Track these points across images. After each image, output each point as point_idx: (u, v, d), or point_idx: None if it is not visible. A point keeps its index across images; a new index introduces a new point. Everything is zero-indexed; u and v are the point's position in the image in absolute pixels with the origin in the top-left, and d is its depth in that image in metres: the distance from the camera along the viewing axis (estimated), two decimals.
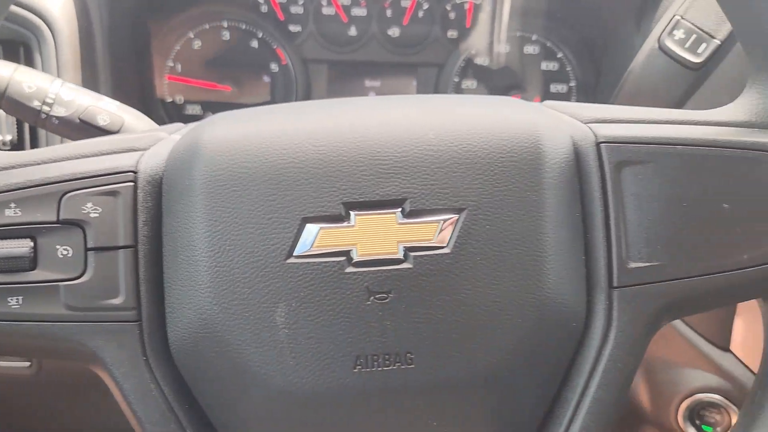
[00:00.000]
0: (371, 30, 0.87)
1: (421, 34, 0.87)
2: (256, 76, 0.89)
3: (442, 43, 0.88)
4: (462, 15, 0.87)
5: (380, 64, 0.88)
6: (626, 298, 0.40)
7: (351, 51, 0.88)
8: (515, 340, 0.38)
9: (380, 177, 0.38)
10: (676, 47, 0.55)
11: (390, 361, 0.37)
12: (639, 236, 0.40)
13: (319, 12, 0.87)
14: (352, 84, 0.89)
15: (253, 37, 0.88)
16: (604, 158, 0.40)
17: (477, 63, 0.89)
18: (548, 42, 0.89)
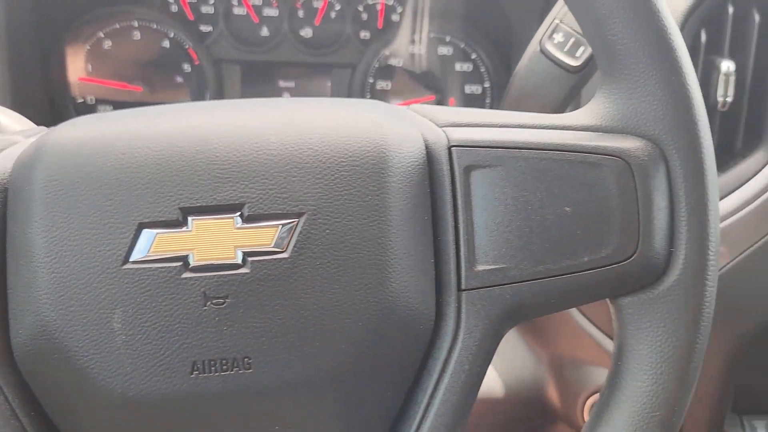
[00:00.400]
0: (283, 30, 0.87)
1: (333, 34, 0.87)
2: (169, 76, 0.88)
3: (354, 43, 0.88)
4: (374, 16, 0.87)
5: (294, 64, 0.88)
6: (474, 300, 0.40)
7: (263, 51, 0.87)
8: (357, 342, 0.38)
9: (218, 181, 0.37)
10: (556, 51, 0.56)
11: (227, 366, 0.37)
12: (486, 239, 0.40)
13: (229, 12, 0.86)
14: (266, 85, 0.89)
15: (165, 37, 0.87)
16: (455, 162, 0.41)
17: (391, 64, 0.89)
18: (462, 43, 0.89)
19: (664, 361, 0.40)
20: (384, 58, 0.89)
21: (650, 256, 0.40)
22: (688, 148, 0.40)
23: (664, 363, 0.40)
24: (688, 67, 0.40)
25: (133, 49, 0.87)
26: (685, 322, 0.40)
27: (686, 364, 0.40)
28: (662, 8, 0.40)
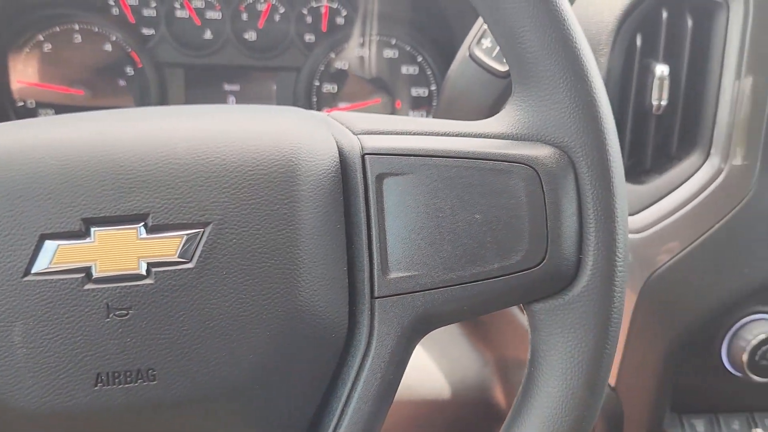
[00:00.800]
0: (226, 33, 0.86)
1: (277, 37, 0.87)
2: (111, 79, 0.87)
3: (299, 47, 0.87)
4: (318, 19, 0.87)
5: (238, 68, 0.87)
6: (386, 307, 0.40)
7: (207, 55, 0.87)
8: (266, 352, 0.38)
9: (122, 191, 0.37)
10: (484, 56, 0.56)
11: (132, 378, 0.37)
12: (398, 246, 0.40)
13: (171, 15, 0.85)
14: (211, 88, 0.88)
15: (106, 41, 0.86)
16: (368, 169, 0.41)
17: (337, 67, 0.89)
18: (408, 46, 0.89)
19: (573, 367, 0.40)
20: (330, 61, 0.89)
21: (559, 262, 0.40)
22: (596, 155, 0.40)
23: (574, 369, 0.40)
24: (594, 76, 0.41)
25: (74, 53, 0.86)
26: (594, 327, 0.40)
27: (595, 369, 0.40)
28: (569, 18, 0.40)
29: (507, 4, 0.40)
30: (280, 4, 0.86)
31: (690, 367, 0.76)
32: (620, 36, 0.72)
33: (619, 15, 0.71)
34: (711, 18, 0.70)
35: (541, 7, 0.40)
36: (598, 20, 0.72)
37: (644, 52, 0.72)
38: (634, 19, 0.72)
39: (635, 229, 0.73)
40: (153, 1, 0.85)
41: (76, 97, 0.86)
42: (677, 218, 0.71)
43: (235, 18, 0.86)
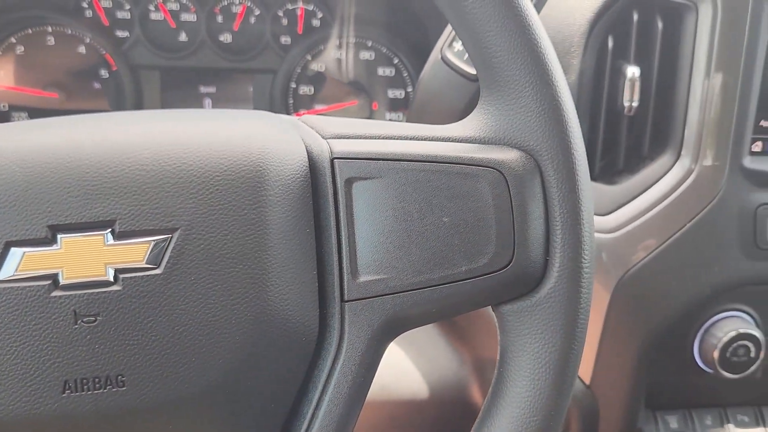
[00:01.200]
0: (201, 36, 0.86)
1: (252, 39, 0.87)
2: (86, 82, 0.86)
3: (274, 49, 0.87)
4: (294, 21, 0.87)
5: (214, 70, 0.87)
6: (356, 311, 0.40)
7: (182, 57, 0.86)
8: (236, 357, 0.38)
9: (88, 198, 0.37)
10: (456, 59, 0.56)
11: (100, 385, 0.37)
12: (368, 250, 0.40)
13: (146, 17, 0.85)
14: (186, 90, 0.88)
15: (80, 43, 0.85)
16: (337, 173, 0.41)
17: (313, 69, 0.89)
18: (384, 48, 0.90)
19: (541, 368, 0.41)
20: (306, 63, 0.89)
21: (526, 264, 0.40)
22: (561, 158, 0.41)
23: (542, 369, 0.41)
24: (560, 80, 0.41)
25: (48, 55, 0.85)
26: (561, 328, 0.41)
27: (563, 370, 0.41)
28: (535, 23, 0.41)
29: (472, 8, 0.41)
30: (255, 6, 0.86)
31: (663, 364, 0.77)
32: (592, 38, 0.73)
33: (591, 17, 0.72)
34: (680, 20, 0.71)
35: (506, 13, 0.40)
36: (570, 23, 0.73)
37: (616, 53, 0.73)
38: (606, 22, 0.73)
39: (608, 228, 0.74)
40: (127, 3, 0.84)
41: (50, 100, 0.86)
42: (649, 218, 0.72)
43: (210, 20, 0.86)
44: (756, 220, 0.72)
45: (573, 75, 0.73)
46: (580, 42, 0.73)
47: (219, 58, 0.87)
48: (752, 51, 0.69)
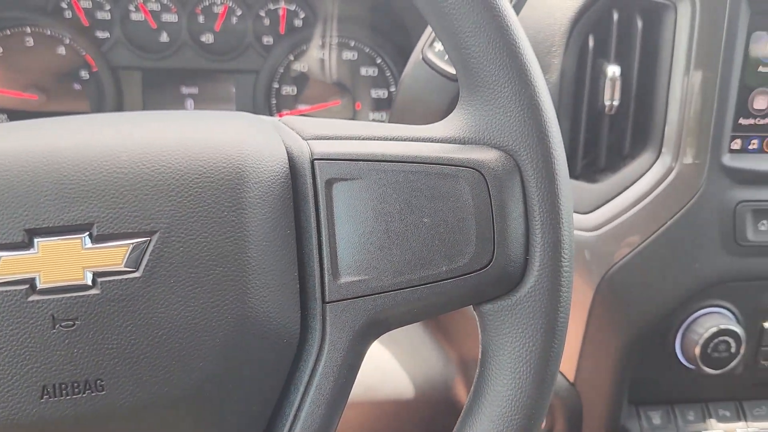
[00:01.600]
0: (182, 36, 0.86)
1: (234, 40, 0.87)
2: (66, 83, 0.86)
3: (257, 49, 0.87)
4: (276, 21, 0.87)
5: (196, 70, 0.87)
6: (338, 312, 0.41)
7: (163, 58, 0.86)
8: (216, 359, 0.38)
9: (65, 201, 0.37)
10: (437, 59, 0.57)
11: (79, 389, 0.37)
12: (349, 251, 0.41)
13: (126, 18, 0.85)
14: (168, 91, 0.87)
15: (60, 44, 0.84)
16: (317, 175, 0.41)
17: (296, 69, 0.89)
18: (367, 48, 0.90)
19: (522, 367, 0.41)
20: (289, 63, 0.88)
21: (506, 264, 0.41)
22: (540, 158, 0.41)
23: (523, 368, 0.41)
24: (538, 80, 0.41)
25: (27, 57, 0.84)
26: (541, 327, 0.41)
27: (544, 368, 0.41)
28: (513, 23, 0.41)
29: (451, 9, 0.41)
30: (237, 6, 0.86)
31: (646, 360, 0.77)
32: (573, 38, 0.73)
33: (571, 17, 0.72)
34: (660, 19, 0.72)
35: (484, 13, 0.40)
36: (550, 22, 0.73)
37: (596, 53, 0.74)
38: (586, 21, 0.73)
39: (590, 227, 0.75)
40: (107, 3, 0.84)
41: (30, 101, 0.85)
42: (630, 216, 0.73)
43: (192, 20, 0.86)
44: (735, 217, 0.73)
45: (554, 74, 0.73)
46: (561, 42, 0.73)
47: (201, 58, 0.86)
48: (730, 49, 0.70)
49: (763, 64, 0.73)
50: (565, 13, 0.72)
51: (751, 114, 0.74)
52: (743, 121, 0.74)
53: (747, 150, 0.75)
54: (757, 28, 0.71)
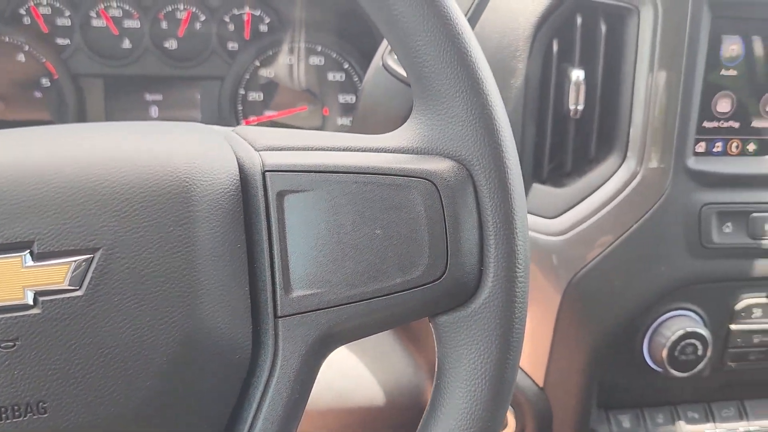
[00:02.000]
0: (145, 42, 0.84)
1: (198, 46, 0.85)
2: (26, 91, 0.84)
3: (221, 55, 0.86)
4: (241, 26, 0.86)
5: (160, 77, 0.86)
6: (290, 326, 0.40)
7: (126, 65, 0.85)
8: (165, 377, 0.37)
9: (4, 218, 0.35)
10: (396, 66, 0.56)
11: (20, 412, 0.36)
12: (301, 264, 0.40)
13: (87, 24, 0.83)
14: (131, 98, 0.86)
15: (19, 51, 0.83)
16: (268, 187, 0.40)
17: (262, 75, 0.88)
18: (333, 53, 0.89)
19: (477, 379, 0.41)
20: (255, 69, 0.87)
21: (460, 275, 0.40)
22: (493, 167, 0.40)
23: (478, 380, 0.41)
24: (490, 89, 0.41)
25: None
26: (496, 339, 0.41)
27: (499, 380, 0.41)
28: (465, 31, 0.41)
29: (401, 17, 0.40)
30: (201, 12, 0.84)
31: (614, 364, 0.78)
32: (537, 42, 0.73)
33: (535, 21, 0.72)
34: (623, 23, 0.72)
35: (435, 21, 0.40)
36: (514, 27, 0.73)
37: (561, 57, 0.74)
38: (550, 25, 0.73)
39: (557, 231, 0.74)
40: (67, 9, 0.82)
41: None
42: (597, 220, 0.73)
43: (155, 26, 0.84)
44: (701, 220, 0.73)
45: (518, 79, 0.73)
46: (525, 46, 0.73)
47: (164, 65, 0.85)
48: (693, 52, 0.70)
49: (725, 68, 0.74)
50: (528, 18, 0.72)
51: (714, 117, 0.74)
52: (707, 124, 0.74)
53: (711, 153, 0.75)
54: (719, 31, 0.72)
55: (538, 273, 0.76)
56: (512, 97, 0.73)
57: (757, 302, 0.77)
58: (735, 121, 0.75)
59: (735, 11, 0.72)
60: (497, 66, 0.74)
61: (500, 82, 0.75)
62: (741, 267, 0.75)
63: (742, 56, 0.74)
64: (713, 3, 0.70)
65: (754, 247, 0.74)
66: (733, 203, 0.74)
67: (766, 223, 0.74)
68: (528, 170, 0.76)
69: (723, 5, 0.70)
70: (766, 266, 0.75)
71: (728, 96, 0.74)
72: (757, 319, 0.77)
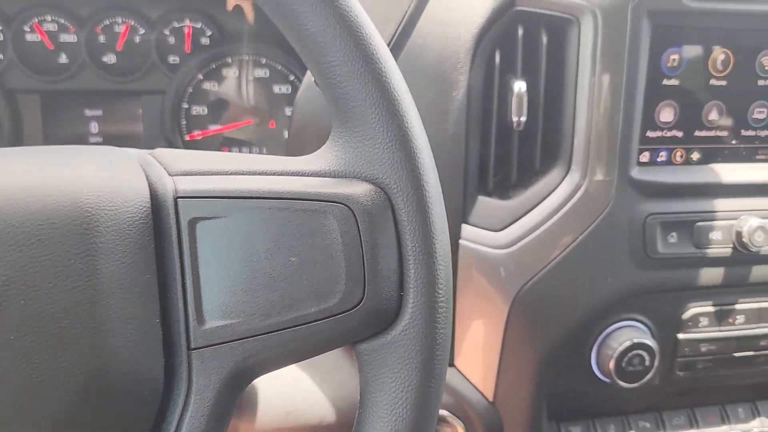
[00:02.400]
0: (82, 57, 0.82)
1: (138, 60, 0.83)
2: None
3: (162, 69, 0.84)
4: (181, 39, 0.84)
5: (99, 92, 0.83)
6: (203, 359, 0.38)
7: (63, 80, 0.82)
8: (70, 416, 0.36)
9: None
10: None
11: None
12: (214, 295, 0.38)
13: (20, 39, 0.81)
14: (71, 114, 0.84)
15: None
16: (180, 214, 0.39)
17: (206, 88, 0.86)
18: (278, 65, 0.87)
19: (398, 408, 0.39)
20: (198, 82, 0.86)
21: (378, 302, 0.39)
22: (411, 190, 0.39)
23: (399, 410, 0.39)
24: (407, 109, 0.40)
25: None
26: (417, 366, 0.40)
27: (421, 408, 0.40)
28: (379, 50, 0.39)
29: (315, 37, 0.39)
30: (140, 25, 0.82)
31: (564, 376, 0.77)
32: (479, 53, 0.72)
33: (476, 33, 0.71)
34: (564, 34, 0.71)
35: (347, 41, 0.39)
36: (455, 38, 0.72)
37: (503, 68, 0.73)
38: (492, 36, 0.72)
39: (503, 244, 0.74)
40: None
41: None
42: (542, 232, 0.72)
43: (92, 41, 0.82)
44: (645, 231, 0.73)
45: (460, 91, 0.72)
46: (467, 58, 0.72)
47: (103, 79, 0.83)
48: (634, 62, 0.70)
49: (667, 77, 0.74)
50: (469, 29, 0.72)
51: (657, 126, 0.74)
52: (651, 133, 0.74)
53: (656, 162, 0.75)
54: (659, 41, 0.71)
55: (486, 286, 0.76)
56: (454, 110, 0.73)
57: (704, 311, 0.77)
58: (678, 130, 0.75)
59: (675, 21, 0.72)
60: (439, 78, 0.73)
61: (442, 95, 0.75)
62: (687, 276, 0.75)
63: (683, 66, 0.74)
64: (652, 13, 0.70)
65: (699, 256, 0.74)
66: (678, 213, 0.74)
67: (710, 232, 0.74)
68: (473, 183, 0.75)
69: (663, 15, 0.70)
70: (712, 275, 0.75)
71: (671, 105, 0.74)
72: (704, 327, 0.77)
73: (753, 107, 0.77)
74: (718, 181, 0.75)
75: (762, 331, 0.79)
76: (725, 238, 0.75)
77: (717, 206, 0.75)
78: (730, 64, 0.75)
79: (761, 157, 0.79)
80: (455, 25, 0.72)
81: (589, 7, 0.69)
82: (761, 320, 0.79)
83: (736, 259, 0.75)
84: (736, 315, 0.78)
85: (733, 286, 0.77)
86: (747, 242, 0.74)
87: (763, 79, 0.77)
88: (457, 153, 0.74)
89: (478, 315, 0.77)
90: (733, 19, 0.73)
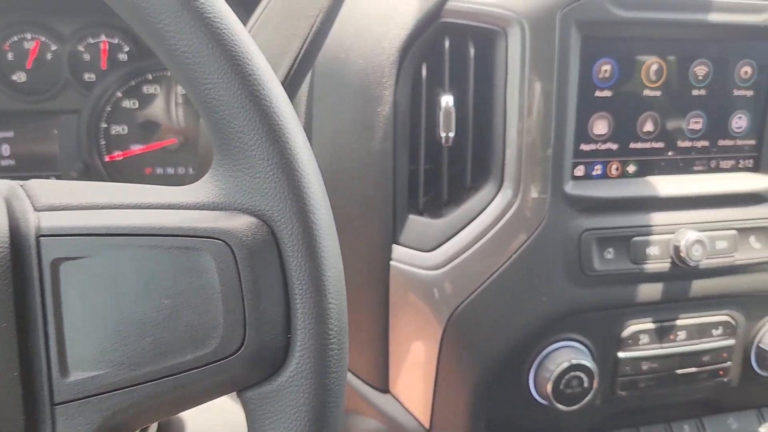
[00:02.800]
0: None
1: (50, 78, 0.79)
2: None
3: (76, 87, 0.80)
4: (97, 56, 0.80)
5: (10, 113, 0.79)
6: (69, 415, 0.34)
7: None
8: None
9: None
10: None
11: None
12: (79, 343, 0.34)
13: None
14: None
15: None
16: (42, 254, 0.35)
17: (125, 107, 0.82)
18: None
19: None
20: (117, 100, 0.81)
21: (260, 347, 0.35)
22: (297, 222, 0.36)
23: None
24: (292, 135, 0.36)
25: None
26: (308, 413, 0.36)
27: None
28: (259, 70, 0.36)
29: (187, 58, 0.36)
30: (51, 41, 0.78)
31: (502, 399, 0.74)
32: (405, 67, 0.69)
33: (400, 45, 0.69)
34: (492, 45, 0.69)
35: (222, 62, 0.35)
36: (378, 51, 0.69)
37: (431, 82, 0.70)
38: (418, 49, 0.70)
39: (435, 265, 0.71)
40: None
41: None
42: (475, 251, 0.69)
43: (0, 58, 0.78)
44: (581, 247, 0.70)
45: (386, 107, 0.69)
46: (391, 72, 0.69)
47: (12, 99, 0.78)
48: (564, 74, 0.68)
49: (599, 89, 0.72)
50: (392, 42, 0.69)
51: (591, 139, 0.72)
52: (584, 146, 0.72)
53: (591, 176, 0.73)
54: (590, 52, 0.69)
55: (419, 308, 0.72)
56: (381, 126, 0.70)
57: (643, 328, 0.75)
58: (613, 142, 0.73)
59: (605, 32, 0.70)
60: (363, 93, 0.70)
61: (367, 110, 0.72)
62: (625, 293, 0.73)
63: (615, 77, 0.72)
64: (581, 23, 0.67)
65: (636, 272, 0.72)
66: (614, 228, 0.71)
67: (647, 247, 0.72)
68: (403, 201, 0.72)
69: (592, 25, 0.68)
70: (651, 291, 0.73)
71: (604, 117, 0.72)
72: (645, 345, 0.75)
73: (688, 118, 0.76)
74: (655, 194, 0.73)
75: (704, 346, 0.77)
76: (663, 252, 0.73)
77: (654, 220, 0.73)
78: (664, 75, 0.73)
79: (698, 168, 0.77)
80: (378, 39, 0.69)
81: (516, 18, 0.66)
82: (702, 336, 0.77)
83: (675, 274, 0.73)
84: (677, 331, 0.76)
85: (673, 302, 0.75)
86: (685, 256, 0.72)
87: (698, 89, 0.75)
88: (384, 171, 0.71)
89: (412, 338, 0.74)
90: (665, 29, 0.71)
